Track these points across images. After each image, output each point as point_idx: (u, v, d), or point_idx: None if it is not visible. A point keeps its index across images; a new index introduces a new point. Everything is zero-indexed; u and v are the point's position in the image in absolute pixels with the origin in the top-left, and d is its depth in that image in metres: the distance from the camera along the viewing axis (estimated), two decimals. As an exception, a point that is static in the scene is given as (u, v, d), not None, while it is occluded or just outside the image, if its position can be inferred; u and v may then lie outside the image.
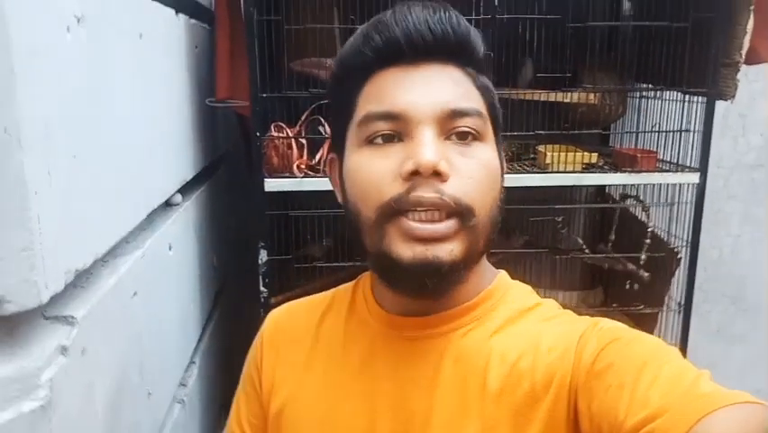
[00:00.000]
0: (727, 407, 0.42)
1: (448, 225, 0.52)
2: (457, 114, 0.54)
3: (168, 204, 1.07)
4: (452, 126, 0.54)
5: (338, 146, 0.61)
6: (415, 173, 0.52)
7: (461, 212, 0.53)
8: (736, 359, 1.99)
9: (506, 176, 0.60)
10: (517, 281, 0.65)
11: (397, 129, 0.54)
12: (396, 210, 0.53)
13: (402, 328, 0.60)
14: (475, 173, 0.54)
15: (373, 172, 0.54)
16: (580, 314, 0.61)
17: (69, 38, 0.59)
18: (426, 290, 0.55)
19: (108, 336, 0.69)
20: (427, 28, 0.54)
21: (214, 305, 1.41)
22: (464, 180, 0.53)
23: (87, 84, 0.65)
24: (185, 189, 1.14)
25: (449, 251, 0.52)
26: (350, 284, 0.69)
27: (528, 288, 0.65)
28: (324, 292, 0.71)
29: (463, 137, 0.55)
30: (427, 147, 0.52)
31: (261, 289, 1.25)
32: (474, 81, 0.58)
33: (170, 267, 1.01)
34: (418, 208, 0.52)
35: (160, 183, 0.97)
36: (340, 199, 0.62)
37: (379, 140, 0.55)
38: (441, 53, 0.56)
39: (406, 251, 0.52)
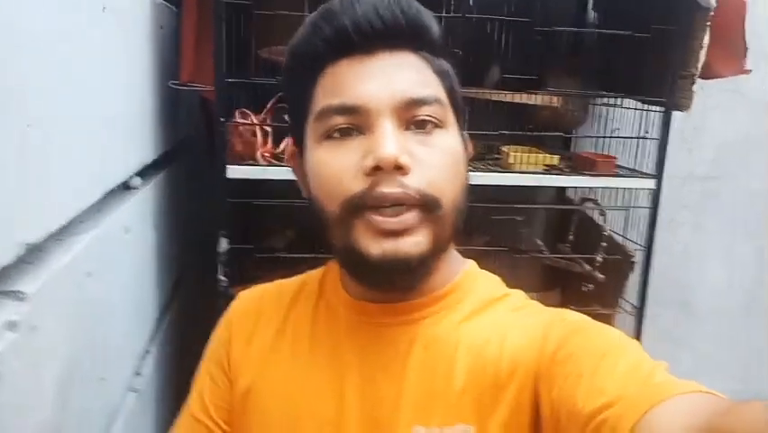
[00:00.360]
0: (679, 395, 0.43)
1: (413, 215, 0.52)
2: (415, 103, 0.53)
3: (126, 187, 1.04)
4: (410, 116, 0.54)
5: (298, 139, 0.60)
6: (376, 168, 0.51)
7: (426, 203, 0.53)
8: (683, 362, 2.06)
9: (469, 174, 0.60)
10: (485, 271, 0.66)
11: (354, 122, 0.54)
12: (360, 206, 0.52)
13: (371, 315, 0.60)
14: (437, 162, 0.54)
15: (335, 168, 0.54)
16: None
17: (29, 1, 0.57)
18: (395, 286, 0.56)
19: (60, 315, 0.66)
20: (376, 14, 0.53)
21: (173, 294, 1.37)
22: (427, 171, 0.53)
23: (44, 51, 0.62)
24: (144, 173, 1.11)
25: (416, 243, 0.53)
26: (319, 270, 0.69)
27: (497, 278, 0.66)
28: (293, 277, 0.71)
29: (423, 126, 0.54)
30: (387, 141, 0.51)
31: (221, 278, 1.23)
32: (431, 66, 0.57)
33: (127, 250, 0.99)
34: (383, 205, 0.52)
35: (118, 164, 0.95)
36: (304, 194, 0.62)
37: (337, 134, 0.54)
38: (393, 39, 0.55)
39: (374, 247, 0.52)
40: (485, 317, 0.60)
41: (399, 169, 0.51)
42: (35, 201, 0.60)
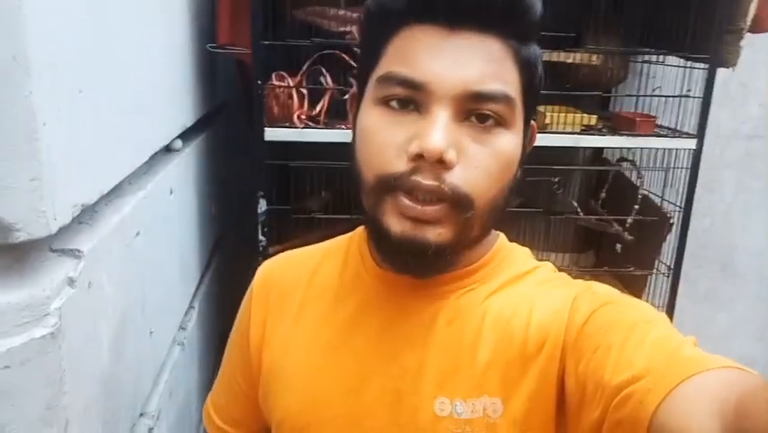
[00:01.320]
0: (708, 371, 0.42)
1: (441, 208, 0.51)
2: (480, 97, 0.51)
3: (168, 149, 1.08)
4: (473, 108, 0.52)
5: (360, 85, 0.59)
6: (419, 156, 0.50)
7: (459, 202, 0.52)
8: (720, 323, 2.04)
9: (520, 172, 0.57)
10: (516, 244, 0.65)
11: (414, 97, 0.52)
12: (394, 186, 0.52)
13: (397, 286, 0.60)
14: (485, 163, 0.52)
15: (381, 141, 0.53)
16: (571, 276, 0.62)
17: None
18: (408, 268, 0.56)
19: (113, 273, 0.70)
20: None
21: (213, 252, 1.42)
22: (471, 170, 0.52)
23: (90, 19, 0.64)
24: (185, 136, 1.14)
25: (437, 234, 0.52)
26: (345, 236, 0.69)
27: (527, 251, 0.65)
28: (320, 243, 0.71)
29: (484, 120, 0.52)
30: (437, 132, 0.50)
31: (260, 238, 1.26)
32: (515, 56, 0.53)
33: (171, 211, 1.03)
34: (415, 192, 0.51)
35: (161, 127, 0.98)
36: (351, 141, 0.60)
37: (395, 104, 0.53)
38: (482, 20, 0.51)
39: (396, 225, 0.52)
40: (512, 290, 0.59)
41: (442, 163, 0.50)
42: (88, 164, 0.63)
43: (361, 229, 0.66)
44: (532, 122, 0.59)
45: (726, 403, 0.38)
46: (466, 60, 0.51)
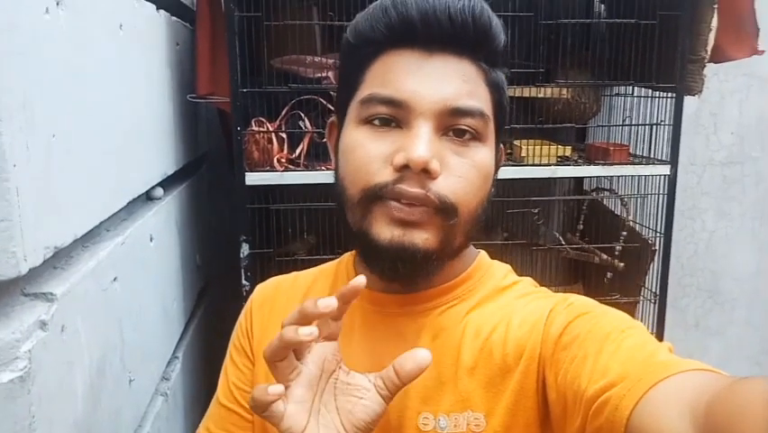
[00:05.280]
0: (680, 373, 0.43)
1: (427, 211, 0.53)
2: (459, 112, 0.54)
3: (149, 197, 1.08)
4: (451, 123, 0.54)
5: (340, 112, 0.61)
6: (405, 167, 0.52)
7: (444, 209, 0.53)
8: (713, 351, 2.03)
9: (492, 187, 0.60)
10: (496, 261, 0.67)
11: (396, 115, 0.54)
12: (380, 196, 0.53)
13: (382, 305, 0.61)
14: (466, 173, 0.54)
15: (366, 154, 0.55)
16: None
17: (48, 18, 0.61)
18: (398, 275, 0.56)
19: (88, 317, 0.70)
20: (447, 16, 0.53)
21: (198, 302, 1.41)
22: (453, 180, 0.54)
23: (66, 66, 0.66)
24: (167, 184, 1.15)
25: (424, 239, 0.53)
26: (335, 261, 0.71)
27: (507, 267, 0.67)
28: (310, 269, 0.72)
29: (461, 135, 0.55)
30: (421, 143, 0.52)
31: (243, 282, 1.26)
32: (486, 77, 0.57)
33: (151, 258, 1.02)
34: (401, 201, 0.53)
35: (140, 173, 0.99)
36: (333, 165, 0.62)
37: (377, 122, 0.55)
38: (456, 44, 0.54)
39: (384, 232, 0.53)
40: (492, 305, 0.61)
41: (427, 172, 0.52)
42: (62, 207, 0.64)
43: (348, 254, 0.68)
44: (501, 146, 0.62)
45: (698, 404, 0.38)
46: (444, 80, 0.54)
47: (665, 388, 0.42)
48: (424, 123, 0.53)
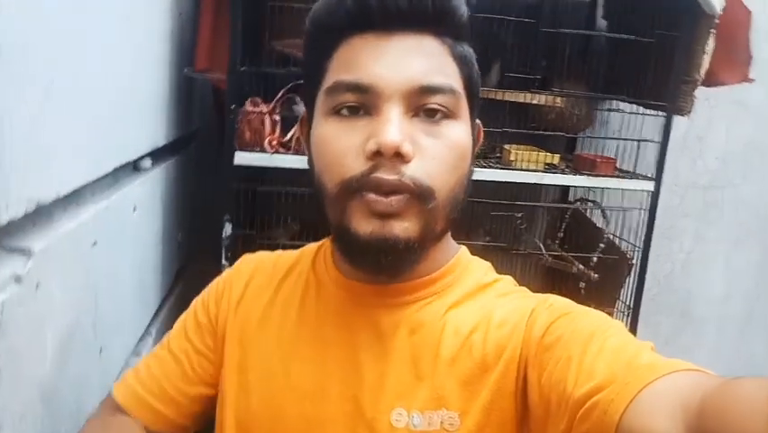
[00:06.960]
0: (668, 375, 0.43)
1: (405, 199, 0.52)
2: (427, 90, 0.53)
3: (136, 168, 1.07)
4: (421, 103, 0.53)
5: (308, 106, 0.60)
6: (377, 153, 0.51)
7: (420, 193, 0.53)
8: (681, 370, 2.06)
9: (473, 166, 0.60)
10: (477, 258, 0.66)
11: (363, 101, 0.53)
12: (356, 188, 0.53)
13: (359, 295, 0.61)
14: (440, 153, 0.54)
15: (337, 147, 0.54)
16: None
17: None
18: (381, 268, 0.56)
19: (65, 278, 0.69)
20: None
21: (175, 281, 1.40)
22: (428, 161, 0.53)
23: (67, 15, 0.65)
24: (155, 157, 1.14)
25: (404, 228, 0.53)
26: (314, 245, 0.70)
27: (488, 264, 0.66)
28: (293, 250, 0.71)
29: (432, 114, 0.54)
30: (392, 127, 0.51)
31: (223, 262, 1.25)
32: (452, 51, 0.56)
33: (133, 229, 1.01)
34: (378, 190, 0.52)
35: (129, 142, 0.97)
36: (308, 162, 0.62)
37: (345, 111, 0.54)
38: (416, 21, 0.54)
39: (364, 226, 0.53)
40: (473, 303, 0.60)
41: (400, 156, 0.51)
42: (49, 162, 0.63)
43: (327, 240, 0.67)
44: (477, 121, 0.61)
45: (690, 404, 0.39)
46: (408, 58, 0.53)
47: (654, 390, 0.42)
48: (392, 106, 0.52)
